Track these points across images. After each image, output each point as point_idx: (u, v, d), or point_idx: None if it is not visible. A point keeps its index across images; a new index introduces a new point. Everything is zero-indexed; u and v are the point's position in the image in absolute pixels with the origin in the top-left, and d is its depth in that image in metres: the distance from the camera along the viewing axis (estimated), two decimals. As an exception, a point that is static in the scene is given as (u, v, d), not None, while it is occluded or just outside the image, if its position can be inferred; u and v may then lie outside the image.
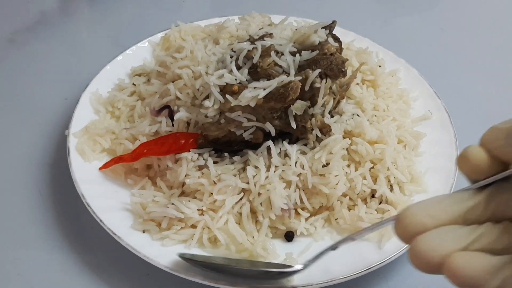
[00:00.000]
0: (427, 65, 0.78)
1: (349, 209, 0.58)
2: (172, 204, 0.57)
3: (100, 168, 0.61)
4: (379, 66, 0.71)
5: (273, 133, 0.58)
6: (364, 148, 0.59)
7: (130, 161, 0.60)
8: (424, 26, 0.97)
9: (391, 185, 0.59)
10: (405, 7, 1.03)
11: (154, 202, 0.58)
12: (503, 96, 0.80)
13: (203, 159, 0.58)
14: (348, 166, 0.59)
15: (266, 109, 0.57)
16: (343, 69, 0.59)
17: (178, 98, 0.62)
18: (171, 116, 0.63)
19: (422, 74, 0.75)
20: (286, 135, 0.60)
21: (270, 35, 0.62)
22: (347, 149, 0.59)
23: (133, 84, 0.71)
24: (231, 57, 0.60)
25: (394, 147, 0.61)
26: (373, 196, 0.59)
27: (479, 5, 1.02)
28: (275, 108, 0.57)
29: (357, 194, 0.58)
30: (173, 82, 0.64)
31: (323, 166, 0.57)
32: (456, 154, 0.63)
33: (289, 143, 0.60)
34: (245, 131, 0.58)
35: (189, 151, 0.58)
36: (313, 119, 0.59)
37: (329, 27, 0.63)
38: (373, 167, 0.59)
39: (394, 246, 0.54)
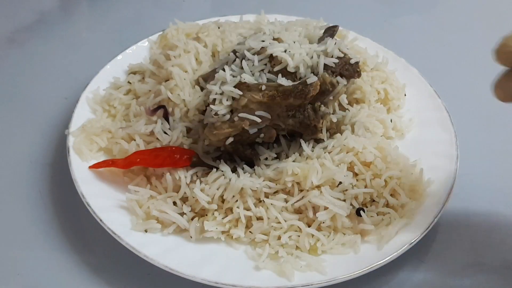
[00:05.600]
0: (427, 65, 0.78)
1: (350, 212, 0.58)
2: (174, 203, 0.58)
3: (90, 167, 0.61)
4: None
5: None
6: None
7: (122, 167, 0.60)
8: (424, 26, 0.97)
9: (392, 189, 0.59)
10: (405, 7, 1.03)
11: (152, 198, 0.58)
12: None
13: (197, 176, 0.59)
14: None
15: (283, 106, 0.57)
16: (358, 69, 0.59)
17: (170, 99, 0.62)
18: (166, 116, 0.63)
19: (422, 73, 0.75)
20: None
21: (278, 39, 0.62)
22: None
23: (129, 82, 0.71)
24: (241, 58, 0.60)
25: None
26: (373, 200, 0.59)
27: (479, 5, 1.02)
28: (293, 105, 0.57)
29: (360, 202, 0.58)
30: (166, 81, 0.64)
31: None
32: (457, 154, 0.63)
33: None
34: (258, 130, 0.58)
35: (182, 168, 0.59)
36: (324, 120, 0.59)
37: (332, 31, 0.63)
38: (373, 179, 0.59)
39: (394, 247, 0.54)
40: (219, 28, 0.73)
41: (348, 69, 0.58)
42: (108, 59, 0.74)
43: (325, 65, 0.57)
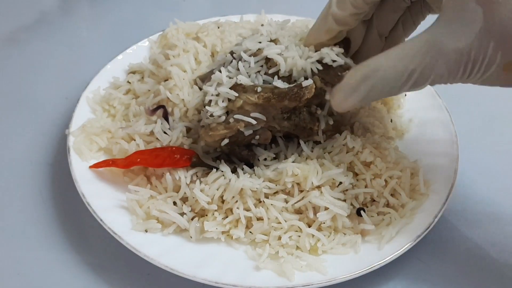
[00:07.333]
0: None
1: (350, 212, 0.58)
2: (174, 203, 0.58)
3: (90, 167, 0.61)
4: None
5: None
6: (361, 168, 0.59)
7: (122, 167, 0.60)
8: (425, 25, 0.97)
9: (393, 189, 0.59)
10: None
11: (152, 198, 0.58)
12: (503, 95, 0.80)
13: (197, 176, 0.59)
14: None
15: (278, 109, 0.57)
16: (338, 73, 0.58)
17: (169, 99, 0.62)
18: (165, 116, 0.63)
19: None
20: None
21: (275, 40, 0.61)
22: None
23: (128, 82, 0.71)
24: (237, 60, 0.59)
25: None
26: (373, 200, 0.59)
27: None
28: (288, 107, 0.57)
29: (360, 202, 0.58)
30: (165, 81, 0.64)
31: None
32: (457, 154, 0.63)
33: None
34: (253, 131, 0.58)
35: (182, 168, 0.59)
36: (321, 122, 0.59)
37: None
38: (373, 178, 0.59)
39: (394, 247, 0.54)
40: (218, 28, 0.73)
41: (329, 73, 0.57)
42: (108, 59, 0.74)
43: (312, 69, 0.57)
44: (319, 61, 0.57)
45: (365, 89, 0.49)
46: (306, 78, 0.57)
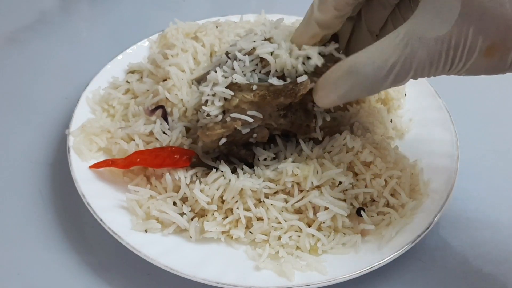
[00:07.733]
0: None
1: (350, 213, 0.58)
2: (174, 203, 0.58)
3: (90, 167, 0.61)
4: None
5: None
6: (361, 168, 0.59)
7: (122, 167, 0.60)
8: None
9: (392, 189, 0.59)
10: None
11: (152, 198, 0.58)
12: (503, 95, 0.80)
13: (196, 176, 0.59)
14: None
15: (273, 106, 0.57)
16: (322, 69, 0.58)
17: (168, 99, 0.62)
18: (165, 116, 0.63)
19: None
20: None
21: (270, 39, 0.61)
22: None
23: (127, 81, 0.71)
24: (232, 59, 0.59)
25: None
26: (373, 200, 0.59)
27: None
28: (284, 104, 0.57)
29: (360, 202, 0.58)
30: (163, 81, 0.64)
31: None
32: (457, 154, 0.63)
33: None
34: (250, 130, 0.58)
35: (182, 168, 0.59)
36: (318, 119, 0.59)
37: None
38: (373, 178, 0.59)
39: (394, 247, 0.54)
40: (217, 27, 0.73)
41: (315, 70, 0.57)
42: (108, 59, 0.74)
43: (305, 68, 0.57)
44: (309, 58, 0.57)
45: (345, 86, 0.49)
46: (297, 76, 0.57)
